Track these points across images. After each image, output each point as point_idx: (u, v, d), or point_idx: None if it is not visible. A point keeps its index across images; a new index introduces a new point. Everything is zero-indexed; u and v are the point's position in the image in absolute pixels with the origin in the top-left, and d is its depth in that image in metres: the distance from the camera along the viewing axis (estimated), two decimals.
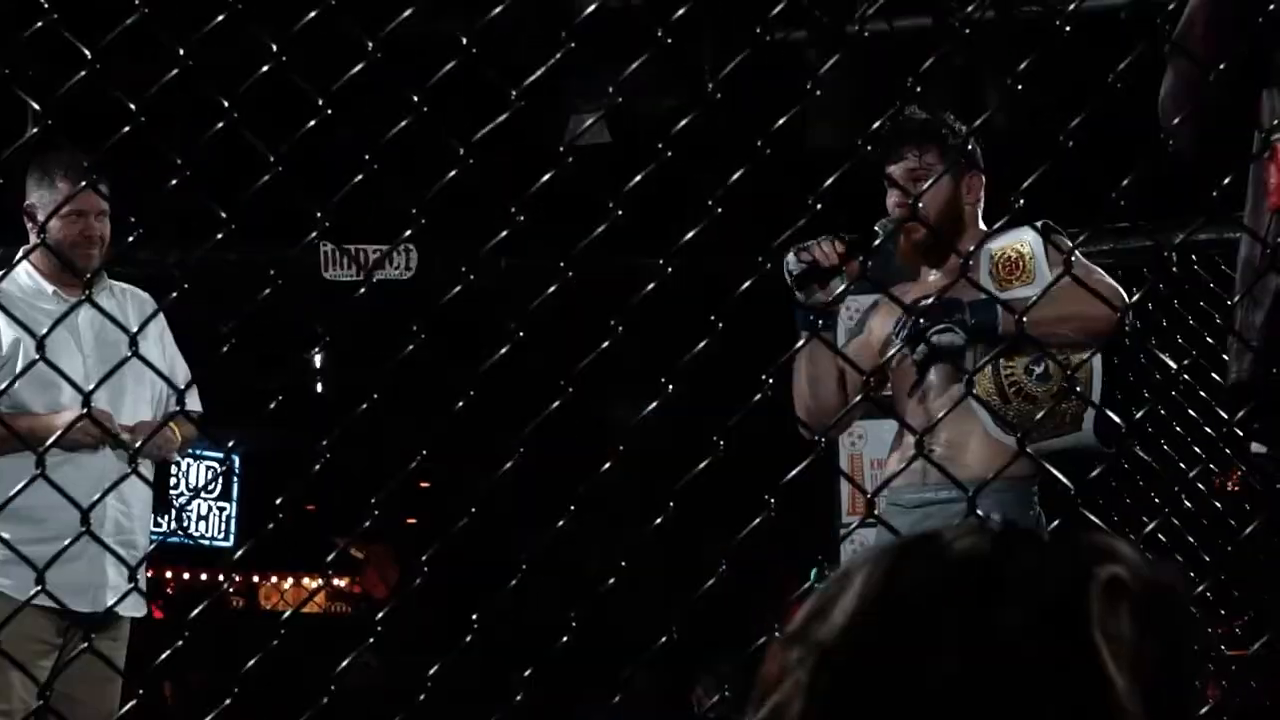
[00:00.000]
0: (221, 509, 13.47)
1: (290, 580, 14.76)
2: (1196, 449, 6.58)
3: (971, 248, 4.53)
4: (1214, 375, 6.13)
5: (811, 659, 1.13)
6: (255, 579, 14.98)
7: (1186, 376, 6.27)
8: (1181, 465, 6.58)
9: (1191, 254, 6.50)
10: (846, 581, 1.15)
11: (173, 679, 11.85)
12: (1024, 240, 4.47)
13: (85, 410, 3.23)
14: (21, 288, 5.18)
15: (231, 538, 13.48)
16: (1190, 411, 6.55)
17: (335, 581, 14.66)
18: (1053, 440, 4.36)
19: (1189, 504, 6.62)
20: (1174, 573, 1.16)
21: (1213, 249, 6.32)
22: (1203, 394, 6.38)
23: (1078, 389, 4.37)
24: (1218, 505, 6.64)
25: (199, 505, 13.27)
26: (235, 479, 13.48)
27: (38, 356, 2.77)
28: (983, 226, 4.60)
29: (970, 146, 4.60)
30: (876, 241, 4.45)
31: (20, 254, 5.21)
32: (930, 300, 4.35)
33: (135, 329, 5.20)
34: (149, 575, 5.25)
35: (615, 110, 7.31)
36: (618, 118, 7.58)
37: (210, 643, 5.28)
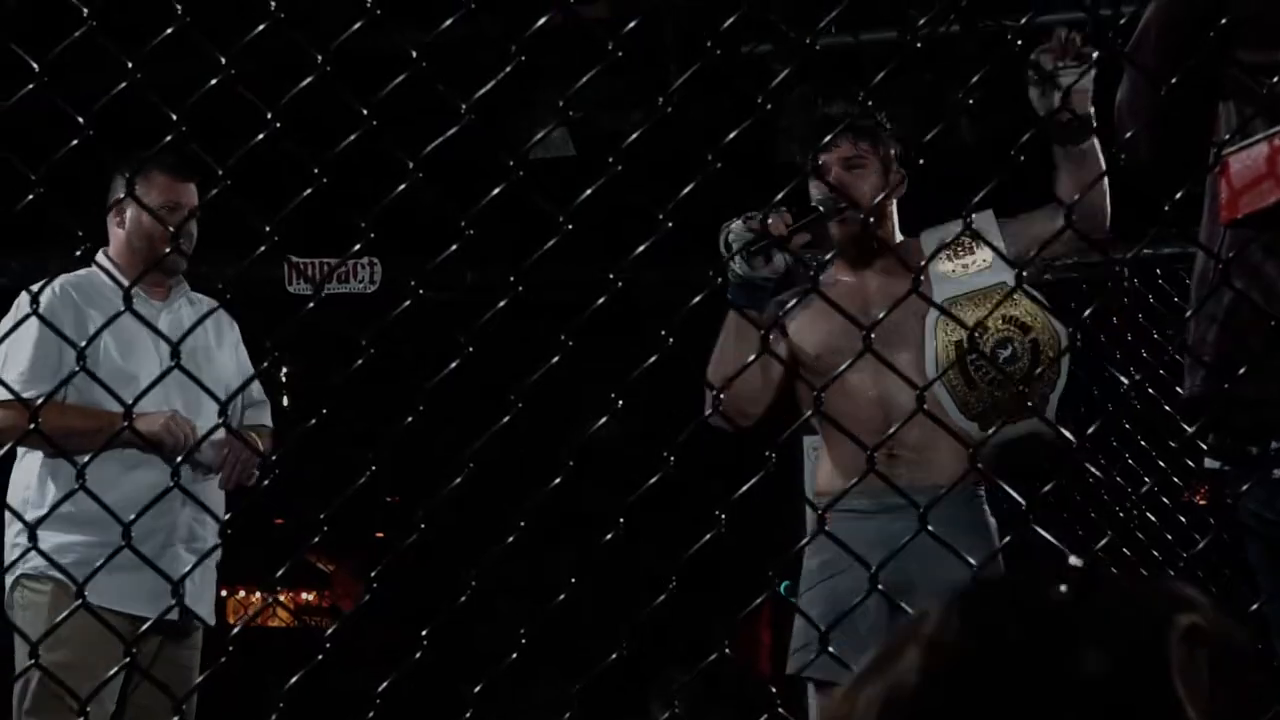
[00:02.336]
0: None
1: (258, 594, 14.69)
2: (1161, 463, 6.59)
3: (897, 240, 4.61)
4: (1178, 389, 6.13)
5: (879, 708, 1.12)
6: (223, 593, 14.92)
7: (1150, 390, 6.29)
8: (1146, 479, 6.58)
9: (1156, 267, 6.52)
10: (915, 628, 1.15)
11: None
12: (971, 220, 4.49)
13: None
14: (103, 284, 5.08)
15: None
16: (1155, 425, 6.55)
17: (305, 596, 14.61)
18: (1018, 424, 4.33)
19: (1153, 517, 6.63)
20: (1244, 626, 1.16)
21: (1178, 263, 6.33)
22: (1167, 408, 6.38)
23: (1043, 369, 4.36)
24: (1182, 519, 6.65)
25: None
26: None
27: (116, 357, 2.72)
28: (896, 223, 4.62)
29: (895, 146, 4.62)
30: (818, 218, 4.43)
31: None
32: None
33: (213, 339, 5.24)
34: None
35: (580, 124, 7.32)
36: (584, 132, 7.58)
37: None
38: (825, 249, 4.57)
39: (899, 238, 4.61)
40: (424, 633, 2.59)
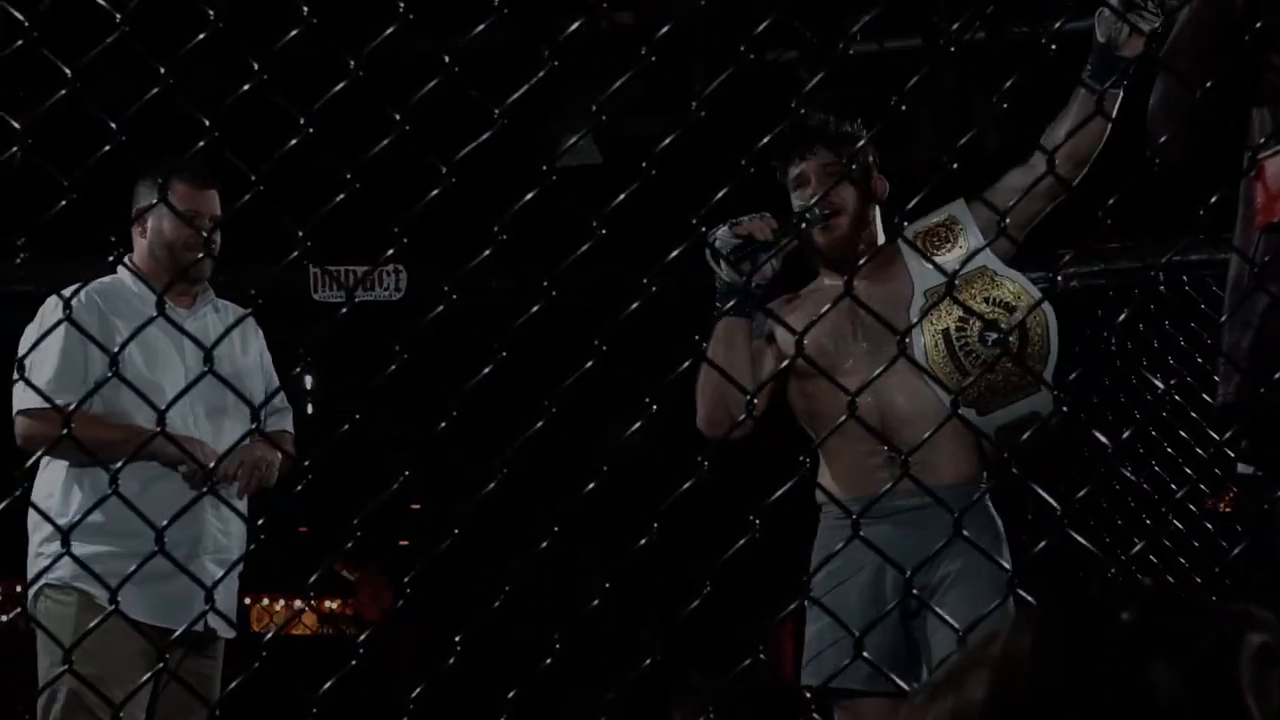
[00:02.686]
0: None
1: (282, 602, 14.69)
2: (1188, 470, 6.57)
3: (881, 244, 4.61)
4: (1205, 396, 6.13)
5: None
6: (247, 601, 14.90)
7: (1177, 397, 6.27)
8: (1173, 486, 6.57)
9: (1183, 274, 6.50)
10: (983, 649, 1.15)
11: None
12: (944, 212, 4.53)
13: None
14: (128, 292, 5.12)
15: None
16: (1181, 433, 6.54)
17: (328, 604, 14.59)
18: (1017, 405, 4.33)
19: (1179, 525, 6.60)
20: None
21: (1205, 269, 6.31)
22: (1193, 415, 6.37)
23: (1035, 347, 4.36)
24: (1209, 526, 6.63)
25: None
26: None
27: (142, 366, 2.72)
28: (880, 227, 4.62)
29: (874, 153, 4.64)
30: (805, 225, 4.45)
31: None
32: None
33: (238, 346, 5.24)
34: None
35: (605, 130, 7.32)
36: (608, 138, 7.58)
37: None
38: (809, 256, 4.60)
39: (881, 240, 4.62)
40: (457, 638, 2.59)
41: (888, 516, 4.24)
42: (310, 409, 8.90)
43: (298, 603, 14.42)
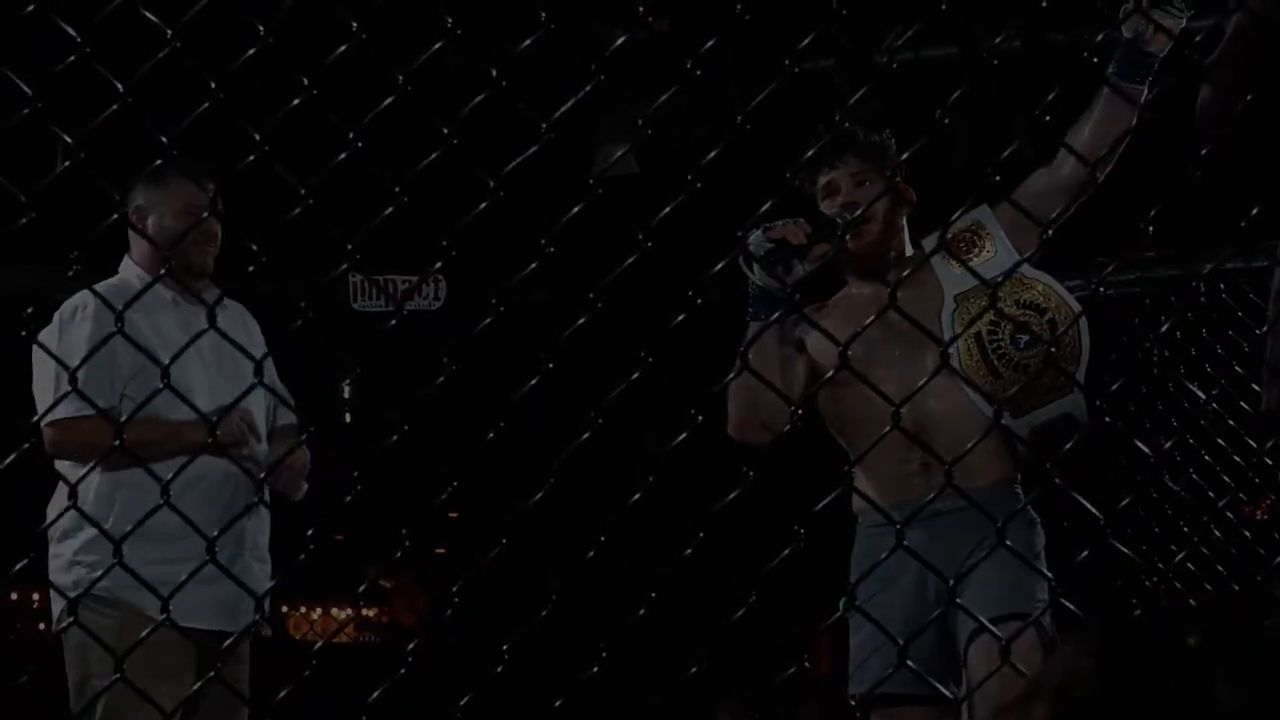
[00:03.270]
0: None
1: (319, 610, 14.70)
2: (1225, 478, 6.55)
3: (909, 253, 4.60)
4: (1243, 404, 6.12)
5: None
6: (284, 609, 14.90)
7: (1215, 406, 6.25)
8: (1210, 494, 6.55)
9: (1220, 282, 6.48)
10: (1042, 677, 1.17)
11: None
12: (969, 218, 4.51)
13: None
14: (136, 291, 4.93)
15: None
16: (1219, 440, 6.52)
17: (364, 611, 14.62)
18: (1050, 406, 4.34)
19: (1218, 534, 6.59)
20: None
21: (1241, 277, 6.30)
22: (1231, 423, 6.35)
23: (1060, 348, 4.36)
24: (1247, 534, 6.62)
25: None
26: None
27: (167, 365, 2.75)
28: (908, 235, 4.63)
29: (901, 161, 4.64)
30: (838, 231, 4.46)
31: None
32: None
33: (245, 340, 5.23)
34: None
35: (645, 142, 7.32)
36: (648, 149, 7.59)
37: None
38: (840, 262, 4.60)
39: (910, 249, 4.63)
40: (504, 646, 2.61)
41: (924, 521, 4.23)
42: (348, 417, 8.92)
43: (335, 610, 14.46)
